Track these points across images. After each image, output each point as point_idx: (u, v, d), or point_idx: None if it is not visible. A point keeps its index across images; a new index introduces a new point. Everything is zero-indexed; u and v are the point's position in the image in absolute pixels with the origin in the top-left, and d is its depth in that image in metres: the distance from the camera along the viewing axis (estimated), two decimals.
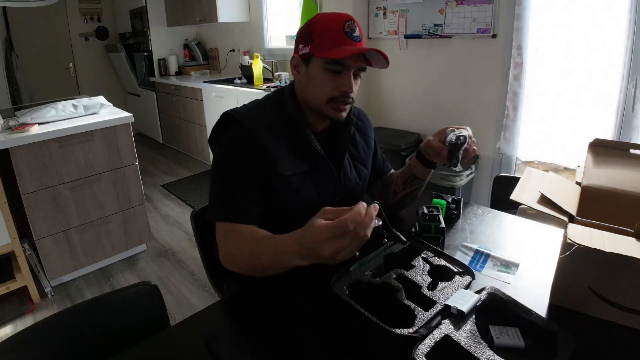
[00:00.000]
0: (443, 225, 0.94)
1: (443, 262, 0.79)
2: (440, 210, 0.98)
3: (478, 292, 0.71)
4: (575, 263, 0.70)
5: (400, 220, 1.12)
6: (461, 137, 0.93)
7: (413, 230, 0.98)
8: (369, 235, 0.63)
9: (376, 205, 0.64)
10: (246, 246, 0.83)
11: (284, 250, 0.73)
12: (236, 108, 0.95)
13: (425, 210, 0.97)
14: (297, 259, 0.71)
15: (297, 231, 0.71)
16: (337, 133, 1.01)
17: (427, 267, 0.78)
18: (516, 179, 1.01)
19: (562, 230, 0.74)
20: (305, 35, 0.91)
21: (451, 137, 0.94)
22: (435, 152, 0.97)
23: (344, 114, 0.95)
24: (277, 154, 0.90)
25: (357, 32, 0.89)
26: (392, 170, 1.20)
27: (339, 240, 0.62)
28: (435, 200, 1.08)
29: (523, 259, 0.91)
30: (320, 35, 0.88)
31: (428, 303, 0.69)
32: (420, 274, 0.76)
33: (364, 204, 0.64)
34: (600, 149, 1.04)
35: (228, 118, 0.94)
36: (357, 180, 1.05)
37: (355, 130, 1.08)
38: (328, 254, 0.62)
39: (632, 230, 0.72)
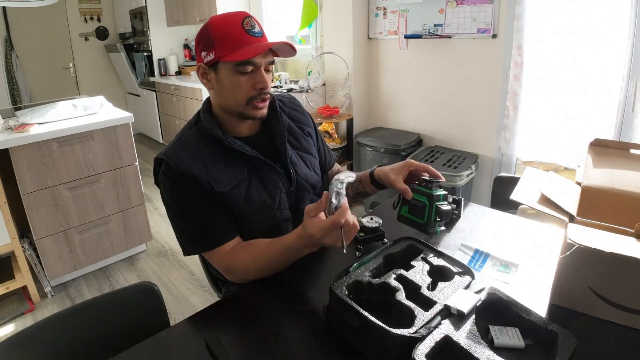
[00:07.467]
0: (448, 207, 0.89)
1: (443, 262, 0.79)
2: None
3: (478, 292, 0.71)
4: (575, 263, 0.70)
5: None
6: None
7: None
8: (356, 222, 0.77)
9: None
10: (254, 259, 0.88)
11: (290, 246, 0.82)
12: (164, 149, 0.95)
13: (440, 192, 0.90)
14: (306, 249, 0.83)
15: (294, 231, 0.82)
16: (270, 130, 1.01)
17: (427, 267, 0.78)
18: (516, 179, 1.01)
19: (562, 230, 0.74)
20: (205, 41, 0.89)
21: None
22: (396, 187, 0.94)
23: (265, 110, 0.95)
24: (210, 177, 0.89)
25: (257, 28, 0.88)
26: (336, 165, 1.21)
27: (335, 233, 0.75)
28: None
29: (523, 259, 0.91)
30: (221, 39, 0.86)
31: (428, 303, 0.69)
32: (420, 274, 0.76)
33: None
34: (600, 149, 1.04)
35: (158, 161, 0.94)
36: (307, 169, 1.05)
37: (290, 119, 1.07)
38: (329, 243, 0.76)
39: (632, 230, 0.73)
